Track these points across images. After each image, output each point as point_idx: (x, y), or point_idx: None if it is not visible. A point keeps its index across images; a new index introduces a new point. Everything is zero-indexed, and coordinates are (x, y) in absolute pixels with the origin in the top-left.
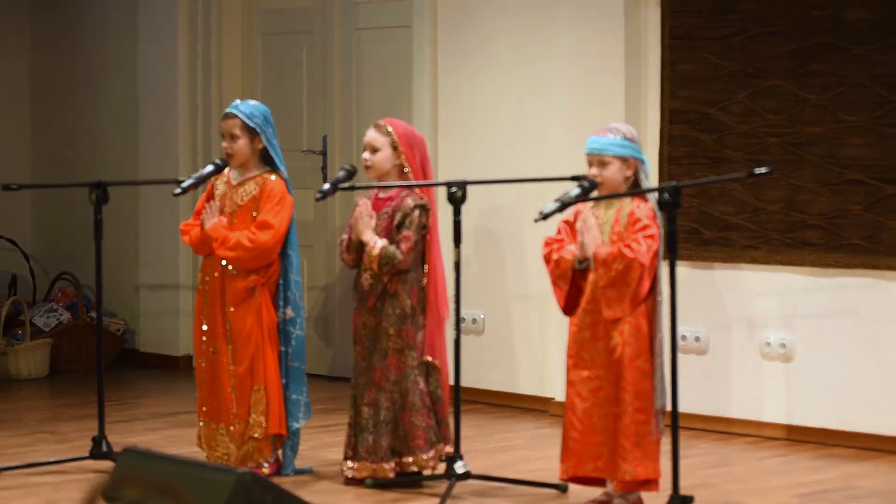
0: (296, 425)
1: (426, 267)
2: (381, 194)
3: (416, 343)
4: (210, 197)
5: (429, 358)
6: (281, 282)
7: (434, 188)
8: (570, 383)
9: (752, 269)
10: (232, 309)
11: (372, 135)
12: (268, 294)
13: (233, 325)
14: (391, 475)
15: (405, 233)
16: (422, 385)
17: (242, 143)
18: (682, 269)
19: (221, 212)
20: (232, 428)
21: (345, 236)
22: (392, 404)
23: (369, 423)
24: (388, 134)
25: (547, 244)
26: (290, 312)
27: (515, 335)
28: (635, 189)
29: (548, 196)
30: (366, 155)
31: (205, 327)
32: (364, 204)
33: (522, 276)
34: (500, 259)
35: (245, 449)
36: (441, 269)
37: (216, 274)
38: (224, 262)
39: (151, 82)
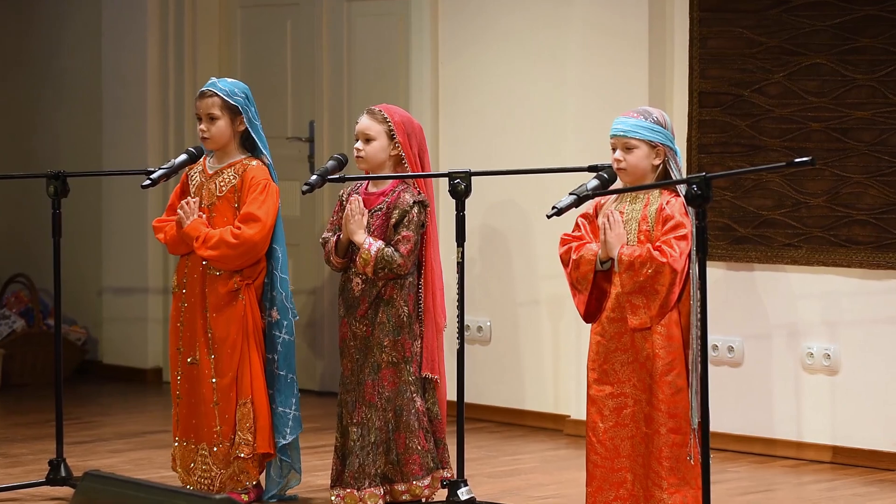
0: (283, 442)
1: (423, 269)
2: (373, 188)
3: (413, 355)
4: (184, 189)
5: (427, 374)
6: (266, 281)
7: (433, 181)
8: (591, 400)
9: (791, 271)
10: (214, 314)
11: (366, 122)
12: (254, 296)
13: (215, 333)
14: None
15: (404, 232)
16: (419, 403)
17: (222, 125)
18: (714, 270)
19: (199, 205)
20: (216, 448)
21: (327, 235)
22: (385, 424)
23: (356, 445)
24: (384, 121)
25: (564, 242)
26: (275, 315)
27: (525, 345)
28: (663, 182)
29: (561, 189)
30: (358, 145)
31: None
32: (355, 200)
33: (533, 278)
34: (507, 260)
35: (231, 471)
36: (439, 272)
37: (195, 275)
38: (205, 262)
39: (117, 60)
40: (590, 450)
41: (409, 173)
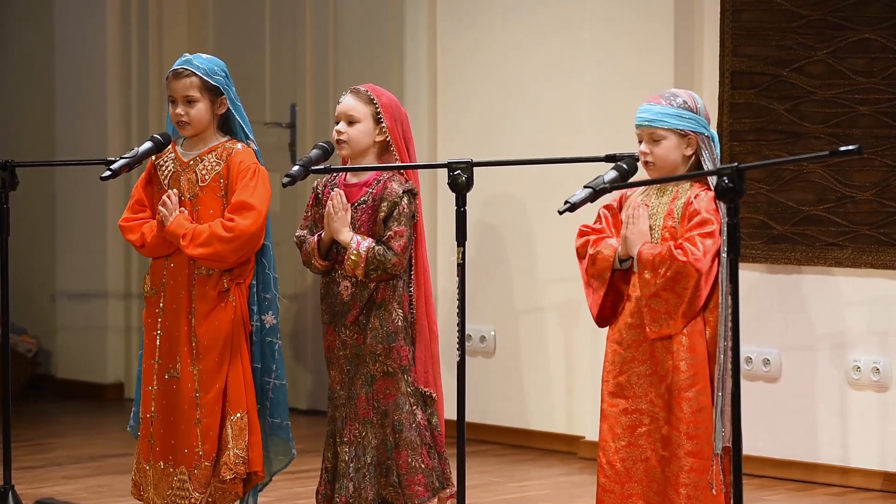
0: (285, 461)
1: (413, 269)
2: (354, 178)
3: (412, 363)
4: (151, 180)
5: (422, 388)
6: (254, 282)
7: (426, 173)
8: (603, 416)
9: (836, 274)
10: (201, 319)
11: (350, 102)
12: (245, 297)
13: (202, 340)
14: None
15: (396, 227)
16: (419, 416)
17: (202, 108)
18: (747, 273)
19: (179, 198)
20: (196, 471)
21: (301, 233)
22: (381, 442)
23: (349, 466)
24: (371, 102)
25: (582, 234)
26: (270, 319)
27: (534, 356)
28: (690, 173)
29: (573, 182)
30: (340, 127)
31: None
32: (337, 195)
33: (542, 281)
34: (512, 261)
35: (209, 492)
36: (429, 272)
37: (179, 277)
38: (192, 262)
39: (72, 36)
40: (599, 472)
41: (402, 164)
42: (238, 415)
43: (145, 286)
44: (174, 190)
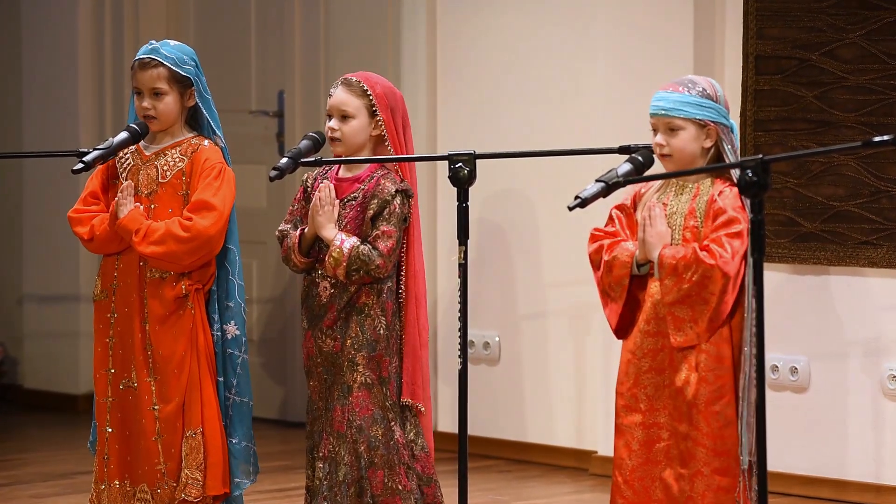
0: (248, 483)
1: (403, 273)
2: (346, 173)
3: (391, 375)
4: (110, 172)
5: (408, 400)
6: (214, 288)
7: (418, 167)
8: (618, 431)
9: (870, 275)
10: (157, 326)
11: (342, 96)
12: (203, 304)
13: (158, 349)
14: None
15: (384, 227)
16: (398, 433)
17: (170, 101)
18: (773, 274)
19: (136, 193)
20: (159, 490)
21: (285, 227)
22: (355, 459)
23: (323, 484)
24: (364, 95)
25: (594, 238)
26: (232, 329)
27: (542, 365)
28: (710, 166)
29: (585, 175)
30: (332, 123)
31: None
32: (325, 188)
33: (550, 284)
34: (517, 262)
35: None
36: (423, 277)
37: (130, 279)
38: (143, 262)
39: (40, 15)
40: (615, 492)
41: (399, 156)
42: (191, 432)
43: (95, 289)
44: (130, 182)
